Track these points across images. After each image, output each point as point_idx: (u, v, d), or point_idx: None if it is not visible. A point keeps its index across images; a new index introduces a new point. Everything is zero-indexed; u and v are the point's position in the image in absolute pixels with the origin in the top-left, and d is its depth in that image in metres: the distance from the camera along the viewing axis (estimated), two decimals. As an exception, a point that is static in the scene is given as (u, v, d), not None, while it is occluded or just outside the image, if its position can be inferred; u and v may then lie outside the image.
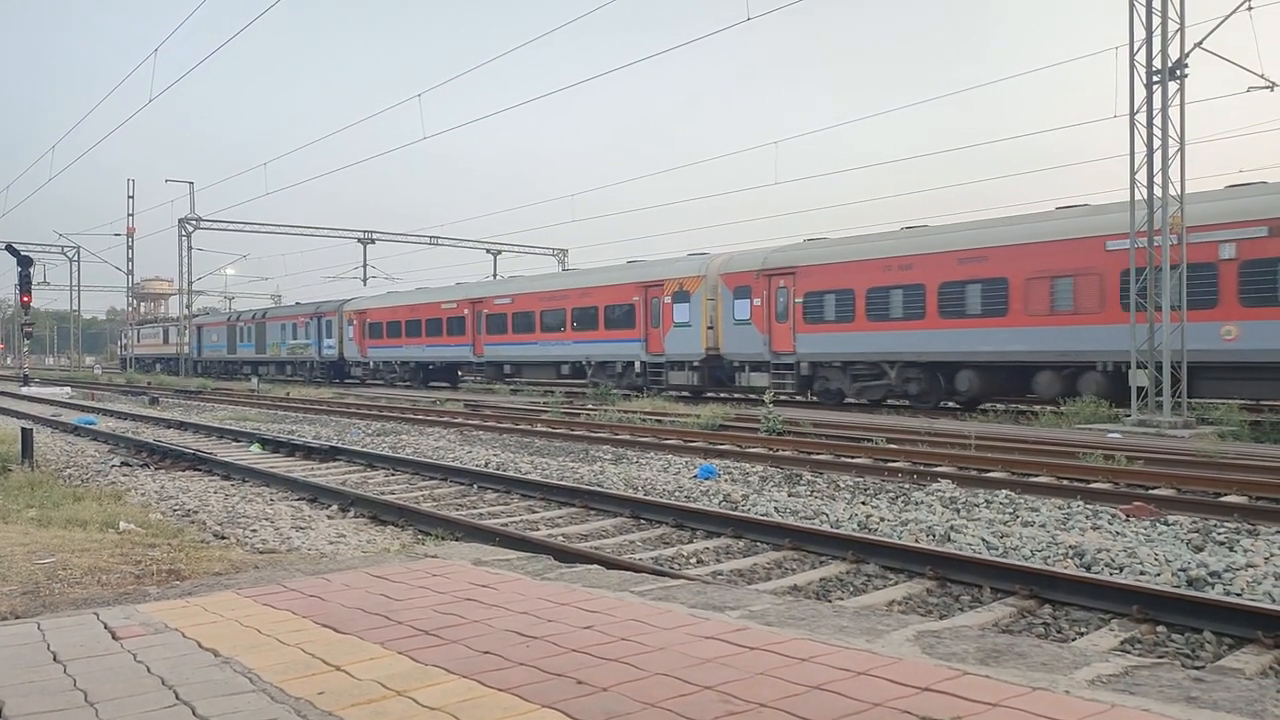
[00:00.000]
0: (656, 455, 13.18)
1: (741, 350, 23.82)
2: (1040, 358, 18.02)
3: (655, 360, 26.29)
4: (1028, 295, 17.93)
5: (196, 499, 9.55)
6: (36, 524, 6.93)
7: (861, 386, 21.49)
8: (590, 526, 8.22)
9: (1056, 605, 5.47)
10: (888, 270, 20.39)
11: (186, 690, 2.62)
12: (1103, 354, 16.97)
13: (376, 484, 10.98)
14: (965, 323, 18.99)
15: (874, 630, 3.21)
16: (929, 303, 19.58)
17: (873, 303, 20.69)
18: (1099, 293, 17.05)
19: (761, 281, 23.21)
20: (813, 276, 22.04)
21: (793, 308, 22.42)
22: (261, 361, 49.03)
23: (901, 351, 20.23)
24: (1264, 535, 7.17)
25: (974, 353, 18.96)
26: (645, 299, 26.52)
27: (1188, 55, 15.29)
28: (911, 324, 19.94)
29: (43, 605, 3.89)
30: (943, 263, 19.38)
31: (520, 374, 33.26)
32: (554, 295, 30.07)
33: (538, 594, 3.78)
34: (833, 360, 21.85)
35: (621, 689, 2.60)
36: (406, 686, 2.65)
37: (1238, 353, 15.51)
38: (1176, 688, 2.58)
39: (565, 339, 29.33)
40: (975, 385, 19.51)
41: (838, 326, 21.48)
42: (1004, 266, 18.34)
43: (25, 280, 33.81)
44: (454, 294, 35.84)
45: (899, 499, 9.20)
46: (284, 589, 3.96)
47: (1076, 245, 17.35)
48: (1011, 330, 18.19)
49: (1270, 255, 15.00)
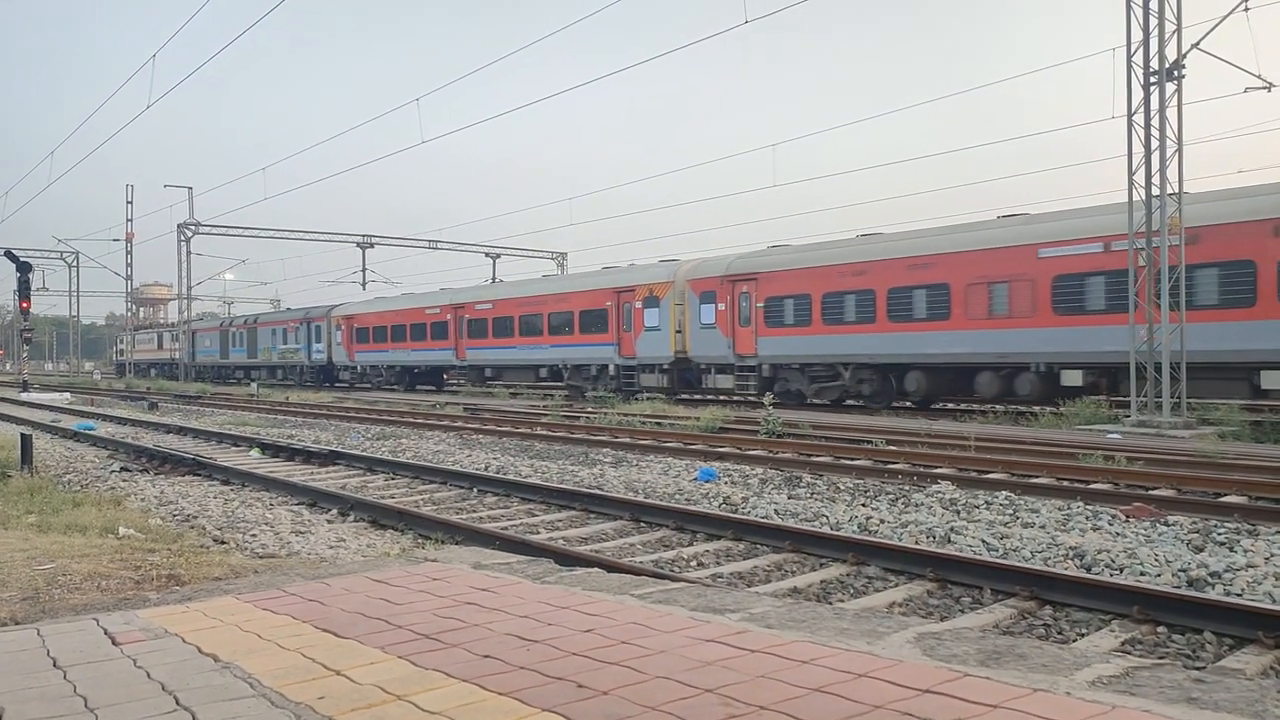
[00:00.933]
0: (656, 458, 13.17)
1: (707, 353, 24.69)
2: (980, 359, 18.94)
3: (627, 363, 27.16)
4: (968, 300, 18.89)
5: (196, 504, 9.54)
6: (36, 530, 6.93)
7: (819, 387, 22.28)
8: (590, 529, 8.22)
9: (1057, 606, 5.47)
10: (842, 276, 21.35)
11: (186, 696, 2.62)
12: (1035, 355, 17.93)
13: (376, 488, 10.97)
14: (912, 326, 19.93)
15: (874, 632, 3.21)
16: (879, 307, 20.51)
17: (828, 307, 21.65)
18: (1031, 298, 17.94)
19: (726, 287, 24.08)
20: (773, 282, 22.92)
21: (754, 312, 23.28)
22: (253, 366, 49.85)
23: (855, 354, 21.14)
24: (1264, 535, 7.17)
25: (920, 355, 19.89)
26: (618, 304, 27.34)
27: (1185, 56, 15.31)
28: (864, 327, 20.88)
29: (42, 611, 3.89)
30: (891, 269, 20.30)
31: (500, 377, 34.07)
32: (532, 301, 30.93)
33: (538, 597, 3.78)
34: (792, 362, 22.72)
35: (622, 692, 2.60)
36: (407, 691, 2.65)
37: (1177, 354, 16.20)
38: (1177, 688, 2.57)
39: (543, 343, 30.15)
40: (923, 386, 20.38)
41: (796, 330, 22.34)
42: (947, 273, 19.31)
43: (24, 286, 33.81)
44: (437, 299, 36.50)
45: (899, 501, 9.20)
46: (284, 594, 3.95)
47: (1011, 253, 18.33)
48: (954, 333, 19.16)
49: (1187, 262, 15.63)
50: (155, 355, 62.80)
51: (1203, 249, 15.72)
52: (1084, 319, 17.25)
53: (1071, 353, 17.44)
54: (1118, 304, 16.42)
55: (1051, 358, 17.63)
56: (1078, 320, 17.34)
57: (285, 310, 52.09)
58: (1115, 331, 16.46)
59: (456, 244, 55.26)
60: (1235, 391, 16.37)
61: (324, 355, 43.32)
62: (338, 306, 43.80)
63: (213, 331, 54.92)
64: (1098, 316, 16.99)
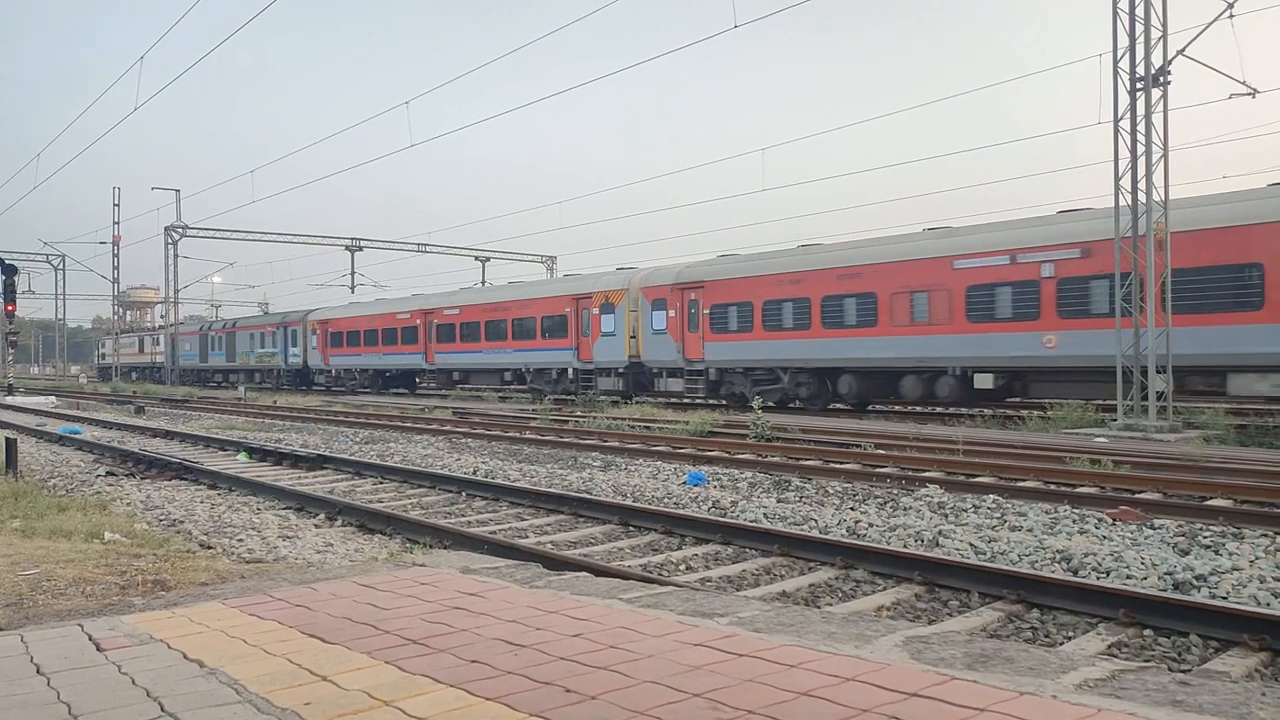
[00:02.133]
0: (645, 462, 13.17)
1: (659, 357, 25.83)
2: (904, 363, 20.17)
3: (585, 367, 28.26)
4: (893, 308, 20.13)
5: (182, 508, 9.49)
6: (20, 535, 6.87)
7: (761, 390, 23.13)
8: (579, 534, 8.21)
9: (1044, 610, 5.49)
10: (780, 285, 22.47)
11: (172, 702, 2.60)
12: (952, 360, 19.17)
13: (364, 492, 10.93)
14: (844, 332, 21.13)
15: (862, 636, 3.22)
16: (814, 314, 21.71)
17: (768, 314, 22.76)
18: (948, 306, 19.14)
19: (675, 294, 25.19)
20: (718, 290, 24.05)
21: (702, 319, 24.40)
22: (232, 369, 50.66)
23: (792, 358, 22.34)
24: (1249, 538, 7.21)
25: (851, 359, 21.13)
26: (576, 311, 28.45)
27: (1170, 62, 15.42)
28: (800, 333, 22.03)
29: (26, 617, 3.86)
30: (824, 279, 21.54)
31: (468, 380, 35.17)
32: (497, 307, 32.07)
33: (526, 602, 3.77)
34: (736, 366, 23.87)
35: (610, 696, 2.60)
36: (394, 696, 2.63)
37: (1057, 358, 17.65)
38: (1163, 691, 2.59)
39: (507, 348, 31.31)
40: (854, 388, 21.62)
41: (739, 336, 23.49)
42: (874, 283, 20.51)
43: (10, 289, 33.48)
44: (408, 305, 37.45)
45: (887, 504, 9.22)
46: (270, 599, 3.93)
47: (930, 264, 19.54)
48: (880, 339, 20.37)
49: (1082, 274, 17.11)
50: (136, 359, 63.90)
51: (1095, 262, 16.95)
52: (994, 326, 18.50)
53: (983, 357, 18.63)
54: (1022, 312, 17.87)
55: (966, 362, 18.90)
56: (988, 327, 18.58)
57: (263, 315, 53.25)
58: (1021, 337, 17.91)
59: (446, 247, 55.20)
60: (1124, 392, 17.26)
61: (300, 359, 44.34)
62: (313, 311, 44.68)
63: (193, 335, 55.58)
64: (1006, 324, 18.25)
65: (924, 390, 20.03)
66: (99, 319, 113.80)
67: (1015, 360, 18.15)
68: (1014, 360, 18.19)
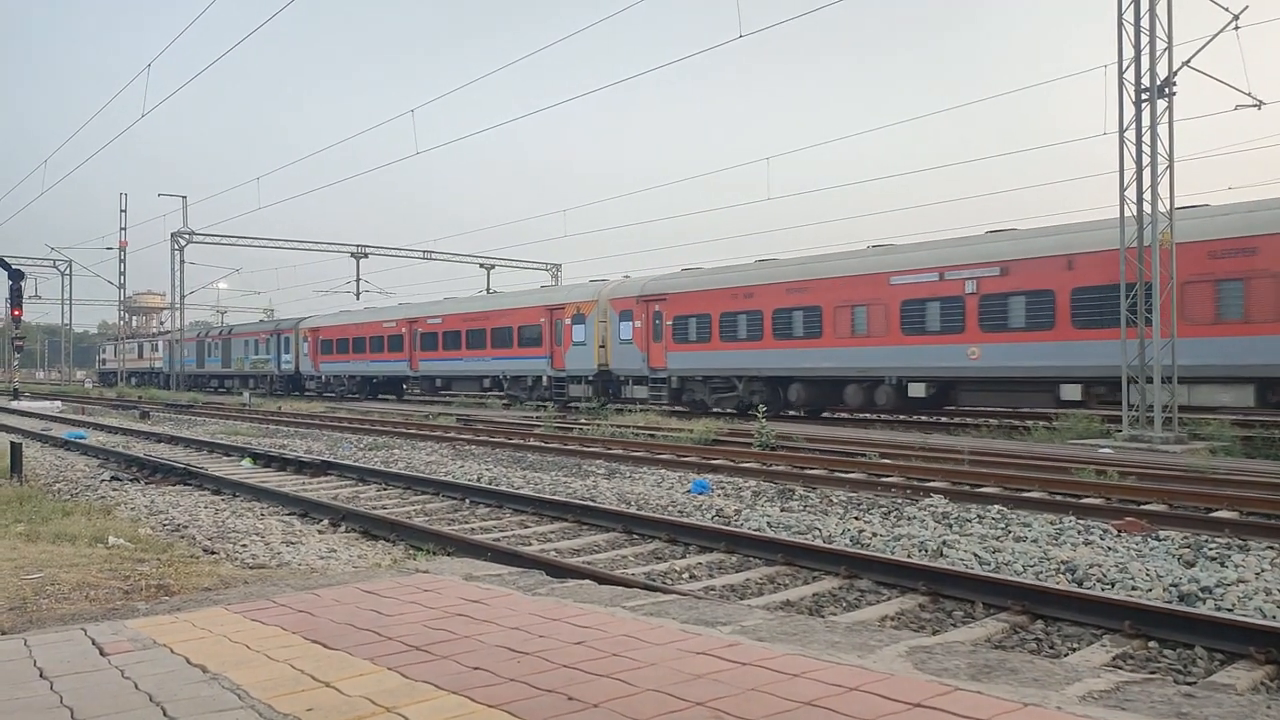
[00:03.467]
0: (650, 470, 13.16)
1: (626, 366, 27.08)
2: (846, 373, 21.25)
3: (558, 375, 29.54)
4: (836, 321, 21.28)
5: (186, 514, 9.50)
6: (25, 539, 6.88)
7: (719, 397, 24.49)
8: (583, 541, 8.20)
9: (1048, 621, 5.47)
10: (735, 298, 23.65)
11: (174, 707, 2.60)
12: (889, 370, 20.23)
13: (368, 499, 10.94)
14: (792, 343, 22.25)
15: (866, 646, 3.21)
16: (766, 326, 22.83)
17: (724, 326, 23.90)
18: (885, 319, 20.21)
19: (641, 306, 26.44)
20: (679, 303, 25.28)
21: (665, 329, 25.62)
22: (227, 375, 52.05)
23: (746, 368, 23.44)
24: (1255, 550, 7.18)
25: (799, 369, 22.26)
26: (550, 321, 29.76)
27: (1176, 74, 15.42)
28: (753, 344, 23.13)
29: (30, 621, 3.86)
30: (776, 293, 22.66)
31: (450, 387, 36.27)
32: (477, 316, 33.51)
33: (529, 609, 3.77)
34: (696, 374, 25.07)
35: (612, 705, 2.59)
36: (396, 703, 2.63)
37: (980, 368, 18.69)
38: (1168, 704, 2.57)
39: (486, 355, 32.72)
40: (803, 396, 22.75)
41: (698, 346, 24.67)
42: (819, 297, 21.64)
43: (16, 294, 33.66)
44: (394, 314, 38.91)
45: (892, 514, 9.20)
46: (273, 604, 3.93)
47: (869, 280, 20.67)
48: (825, 350, 21.52)
49: (1001, 291, 18.21)
50: (136, 364, 65.64)
51: (1013, 280, 18.09)
52: (925, 338, 19.52)
53: (916, 368, 19.73)
54: (950, 326, 19.04)
55: (900, 372, 20.01)
56: (920, 340, 19.62)
57: (258, 322, 54.86)
58: (948, 349, 19.03)
59: (451, 254, 55.37)
60: (1041, 401, 18.66)
61: (292, 365, 45.52)
62: (305, 319, 46.04)
63: (190, 342, 56.89)
64: (936, 336, 19.29)
65: (865, 399, 21.20)
66: (105, 324, 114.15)
67: (944, 371, 19.28)
68: (943, 371, 19.31)
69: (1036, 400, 18.76)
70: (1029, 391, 18.64)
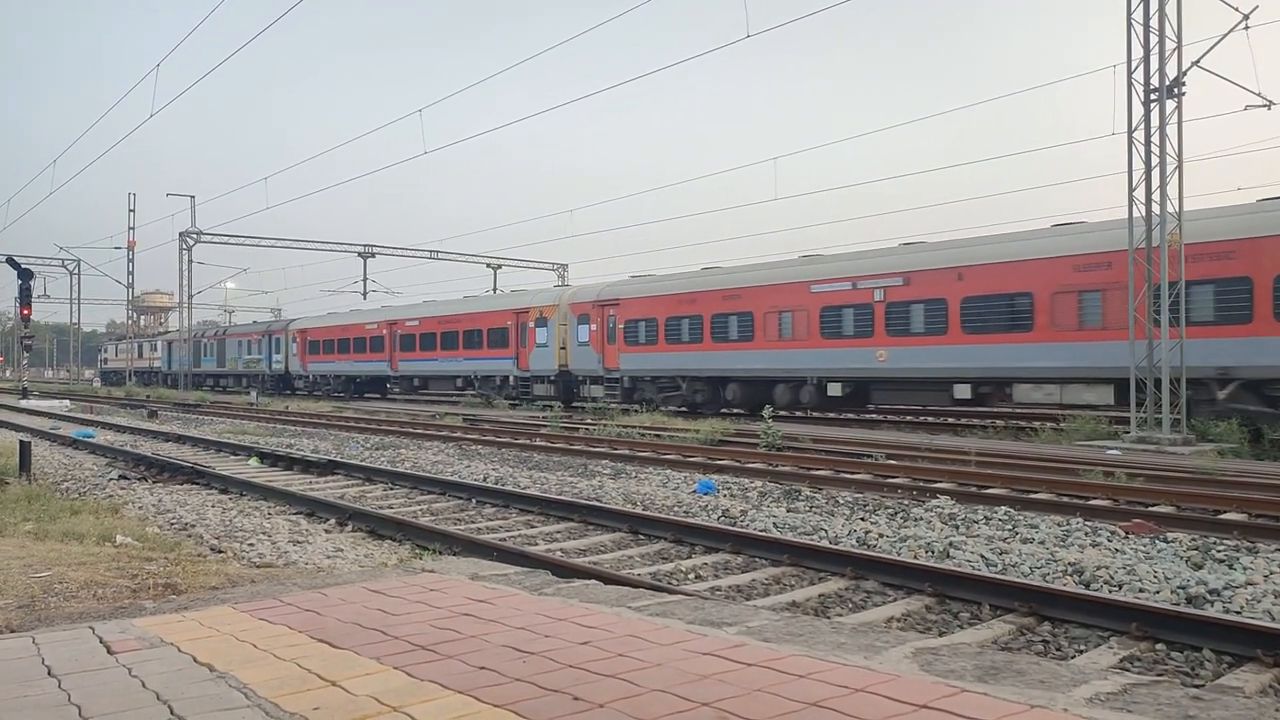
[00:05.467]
0: (655, 470, 13.16)
1: (584, 367, 28.82)
2: (775, 374, 22.88)
3: (523, 375, 31.31)
4: (765, 326, 22.92)
5: (194, 512, 9.53)
6: (33, 537, 6.91)
7: (665, 396, 26.16)
8: (588, 541, 8.20)
9: (1055, 623, 5.45)
10: (679, 304, 25.38)
11: (181, 705, 2.61)
12: (810, 371, 21.96)
13: (375, 498, 10.96)
14: (729, 346, 23.88)
15: (872, 647, 3.20)
16: (705, 330, 24.50)
17: (670, 330, 25.62)
18: (807, 325, 21.89)
19: (597, 310, 28.16)
20: (630, 307, 27.00)
21: (618, 333, 27.31)
22: (222, 374, 53.59)
23: (689, 369, 25.15)
24: (1263, 553, 7.15)
25: (735, 370, 23.92)
26: (517, 324, 31.51)
27: (1185, 74, 15.36)
28: (695, 347, 24.85)
29: (38, 619, 3.88)
30: (714, 299, 24.35)
31: (428, 386, 38.16)
32: (451, 319, 35.35)
33: (535, 609, 3.77)
34: (645, 375, 26.72)
35: (618, 705, 2.59)
36: (402, 702, 2.64)
37: (887, 370, 20.32)
38: (1175, 706, 2.57)
39: (459, 356, 34.54)
40: (739, 396, 24.26)
41: (647, 348, 26.41)
42: (751, 303, 23.27)
43: (25, 293, 33.83)
44: (376, 316, 40.78)
45: (898, 515, 9.19)
46: (280, 603, 3.94)
47: (794, 288, 22.32)
48: (757, 353, 23.14)
49: (904, 299, 19.83)
50: (135, 364, 67.38)
51: (913, 289, 19.72)
52: (841, 342, 21.22)
53: (833, 369, 21.50)
54: (861, 330, 20.74)
55: (820, 373, 21.76)
56: (837, 343, 21.34)
57: (251, 324, 56.49)
58: (860, 352, 20.78)
59: (458, 254, 55.44)
60: (939, 400, 20.40)
61: (282, 365, 47.08)
62: (294, 321, 47.89)
63: (187, 342, 58.40)
64: (850, 340, 21.00)
65: (791, 397, 22.77)
66: (113, 323, 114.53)
67: (857, 372, 21.07)
68: (857, 372, 21.09)
69: (935, 399, 20.50)
70: (928, 391, 20.35)
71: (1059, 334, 17.29)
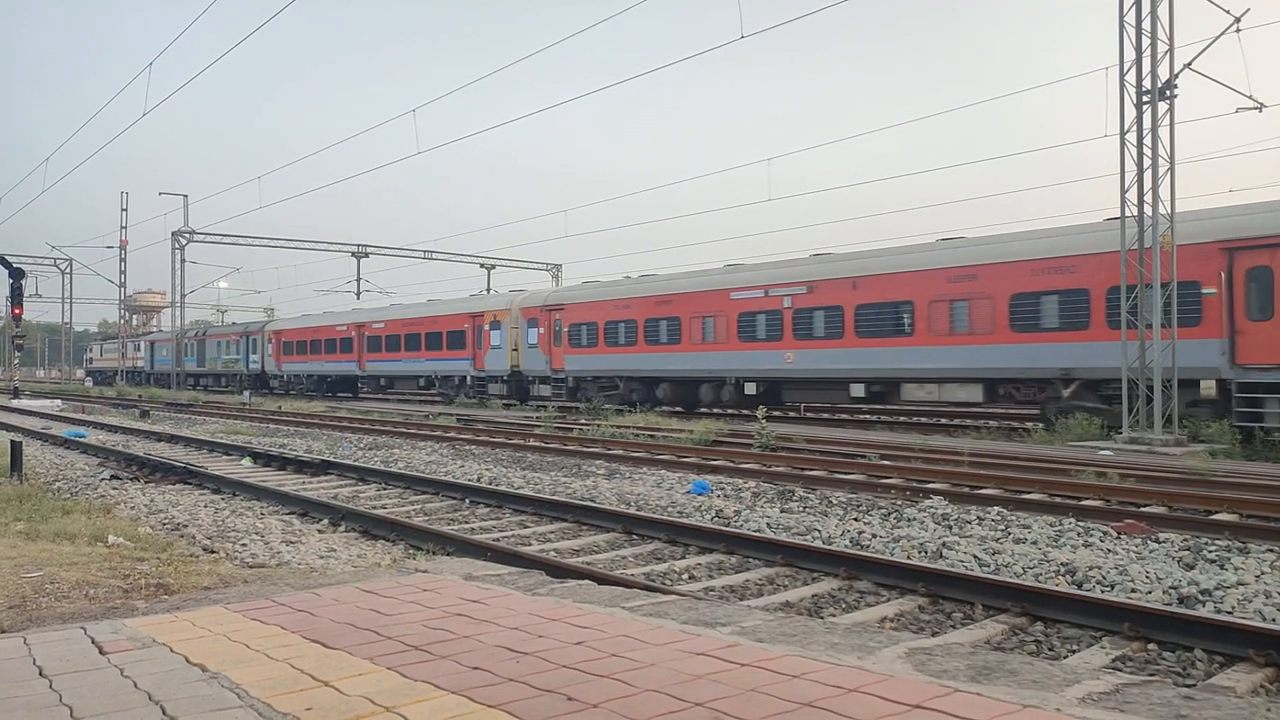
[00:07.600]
0: (650, 471, 13.15)
1: (533, 368, 30.51)
2: (699, 374, 24.65)
3: (479, 375, 32.98)
4: (691, 330, 24.61)
5: (186, 513, 9.50)
6: (24, 537, 6.88)
7: (606, 395, 27.70)
8: (582, 542, 8.20)
9: (1048, 623, 5.47)
10: (616, 309, 27.08)
11: (173, 705, 2.61)
12: (730, 372, 23.58)
13: (368, 498, 10.94)
14: (660, 349, 25.58)
15: (865, 647, 3.21)
16: (639, 334, 26.18)
17: (608, 333, 27.26)
18: (727, 329, 23.57)
19: (544, 314, 29.83)
20: (574, 312, 28.72)
21: (563, 335, 28.99)
22: (202, 374, 54.99)
23: (625, 369, 26.81)
24: (1255, 553, 7.18)
25: (665, 370, 25.67)
26: (473, 326, 33.13)
27: (1177, 76, 15.41)
28: (630, 349, 26.50)
29: (29, 619, 3.86)
30: (647, 304, 26.08)
31: (393, 386, 40.01)
32: (414, 321, 36.86)
33: (528, 609, 3.77)
34: (587, 375, 28.38)
35: (612, 705, 2.59)
36: (395, 703, 2.63)
37: (794, 370, 22.01)
38: (1167, 706, 2.58)
39: (421, 357, 36.09)
40: (670, 394, 26.20)
41: (589, 350, 28.08)
42: (678, 309, 25.02)
43: (17, 292, 33.65)
44: (345, 318, 42.27)
45: (891, 515, 9.20)
46: (273, 604, 3.93)
47: (716, 295, 24.04)
48: (685, 355, 24.86)
49: (808, 306, 21.57)
50: (119, 364, 68.04)
51: (816, 297, 21.45)
52: (755, 345, 22.76)
53: (749, 370, 23.09)
54: (772, 334, 22.33)
55: (738, 374, 23.41)
56: (752, 346, 22.89)
57: (230, 324, 58.00)
58: (772, 354, 22.34)
59: (451, 254, 55.35)
60: (836, 398, 22.40)
61: (259, 365, 48.32)
62: (270, 322, 49.70)
63: (169, 342, 59.28)
64: (763, 344, 22.55)
65: (714, 396, 24.42)
66: (105, 323, 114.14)
67: (769, 373, 22.60)
68: (769, 373, 22.61)
69: (836, 397, 22.43)
70: (830, 389, 22.22)
71: (935, 339, 19.17)
